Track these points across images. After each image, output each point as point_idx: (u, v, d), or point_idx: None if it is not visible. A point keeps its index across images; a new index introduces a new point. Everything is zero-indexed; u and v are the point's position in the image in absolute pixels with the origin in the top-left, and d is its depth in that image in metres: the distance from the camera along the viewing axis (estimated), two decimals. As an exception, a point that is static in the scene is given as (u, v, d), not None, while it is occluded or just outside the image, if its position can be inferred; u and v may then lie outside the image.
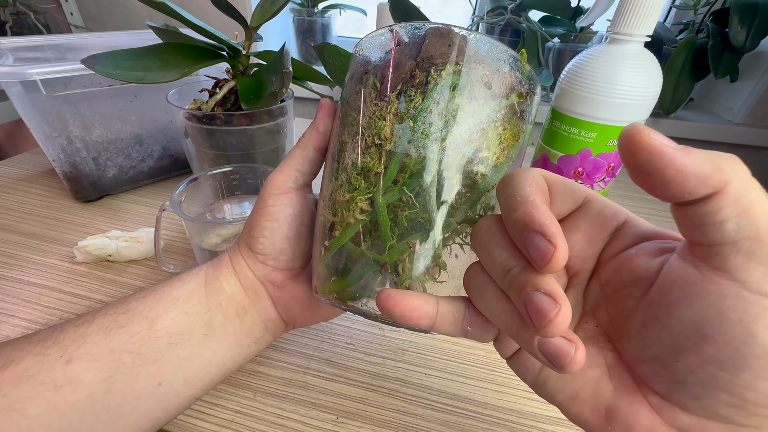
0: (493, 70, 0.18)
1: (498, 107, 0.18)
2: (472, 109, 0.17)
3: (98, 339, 0.19)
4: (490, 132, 0.18)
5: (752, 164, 0.75)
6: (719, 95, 0.77)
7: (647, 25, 0.28)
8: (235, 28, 0.38)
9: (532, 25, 0.69)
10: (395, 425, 0.26)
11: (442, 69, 0.17)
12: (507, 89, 0.18)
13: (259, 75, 0.39)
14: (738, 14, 0.59)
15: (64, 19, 0.87)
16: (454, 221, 0.18)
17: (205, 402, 0.26)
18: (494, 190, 0.18)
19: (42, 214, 0.44)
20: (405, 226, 0.17)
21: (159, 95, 0.46)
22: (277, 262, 0.22)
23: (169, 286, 0.21)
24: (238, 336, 0.22)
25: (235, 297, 0.22)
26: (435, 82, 0.17)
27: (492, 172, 0.18)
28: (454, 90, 0.17)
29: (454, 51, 0.17)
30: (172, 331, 0.20)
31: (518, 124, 0.19)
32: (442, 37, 0.18)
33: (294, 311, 0.23)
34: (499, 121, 0.18)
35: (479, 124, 0.18)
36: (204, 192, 0.34)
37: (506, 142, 0.18)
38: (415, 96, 0.18)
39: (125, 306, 0.20)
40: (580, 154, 0.32)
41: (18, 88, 0.37)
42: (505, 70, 0.18)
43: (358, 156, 0.18)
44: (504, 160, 0.18)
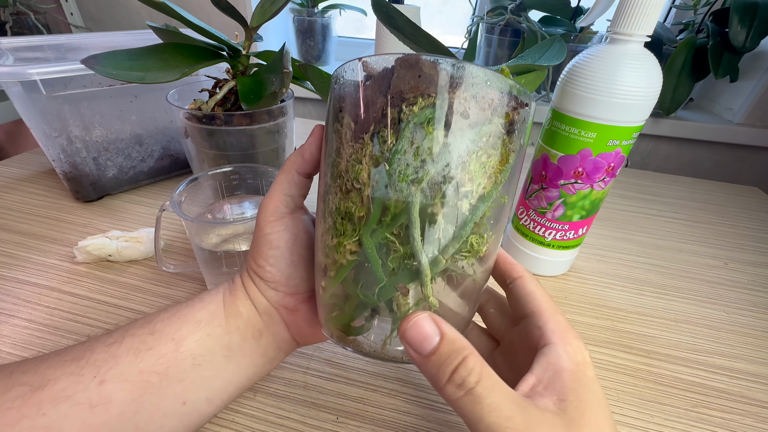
0: (471, 95, 0.16)
1: (479, 136, 0.17)
2: (449, 144, 0.16)
3: (128, 360, 0.19)
4: (472, 164, 0.17)
5: (752, 164, 0.76)
6: (719, 95, 0.77)
7: (647, 25, 0.28)
8: (235, 28, 0.38)
9: (532, 25, 0.69)
10: (395, 425, 0.26)
11: (413, 104, 0.16)
12: (488, 113, 0.17)
13: (259, 75, 0.39)
14: (738, 14, 0.59)
15: (64, 19, 0.87)
16: (442, 258, 0.17)
17: (205, 402, 0.26)
18: (486, 217, 0.18)
19: (42, 214, 0.44)
20: (391, 268, 0.17)
21: (159, 95, 0.46)
22: (288, 287, 0.23)
23: (191, 307, 0.22)
24: (254, 357, 0.23)
25: (251, 320, 0.22)
26: (407, 119, 0.16)
27: (478, 202, 0.17)
28: (429, 125, 0.16)
29: (425, 82, 0.16)
30: (196, 353, 0.21)
31: (507, 145, 0.18)
32: (411, 68, 0.16)
33: (306, 333, 0.24)
34: (482, 150, 0.17)
35: (459, 159, 0.17)
36: (204, 192, 0.34)
37: (493, 168, 0.17)
38: (388, 137, 0.17)
39: (152, 326, 0.21)
40: (580, 154, 0.32)
41: (18, 88, 0.37)
42: (485, 93, 0.16)
43: (341, 200, 0.18)
44: (492, 187, 0.18)
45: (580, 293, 0.39)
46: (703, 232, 0.51)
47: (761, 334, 0.35)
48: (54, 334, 0.30)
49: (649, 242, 0.48)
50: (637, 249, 0.46)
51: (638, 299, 0.38)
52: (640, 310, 0.37)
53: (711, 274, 0.43)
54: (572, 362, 0.17)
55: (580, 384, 0.16)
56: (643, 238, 0.48)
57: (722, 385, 0.30)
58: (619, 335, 0.34)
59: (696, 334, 0.35)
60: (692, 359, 0.32)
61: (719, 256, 0.46)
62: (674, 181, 0.65)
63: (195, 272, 0.37)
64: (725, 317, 0.37)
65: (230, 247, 0.33)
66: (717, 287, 0.41)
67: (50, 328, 0.31)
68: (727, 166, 0.77)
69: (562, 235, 0.37)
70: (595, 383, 0.17)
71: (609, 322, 0.35)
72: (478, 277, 0.19)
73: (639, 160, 0.81)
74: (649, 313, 0.37)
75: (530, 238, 0.38)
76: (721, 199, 0.59)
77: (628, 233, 0.49)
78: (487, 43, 0.76)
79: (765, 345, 0.34)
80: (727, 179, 0.77)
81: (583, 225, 0.36)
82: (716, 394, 0.30)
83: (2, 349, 0.29)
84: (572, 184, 0.33)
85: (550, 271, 0.40)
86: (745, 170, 0.77)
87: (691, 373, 0.31)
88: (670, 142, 0.77)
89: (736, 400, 0.29)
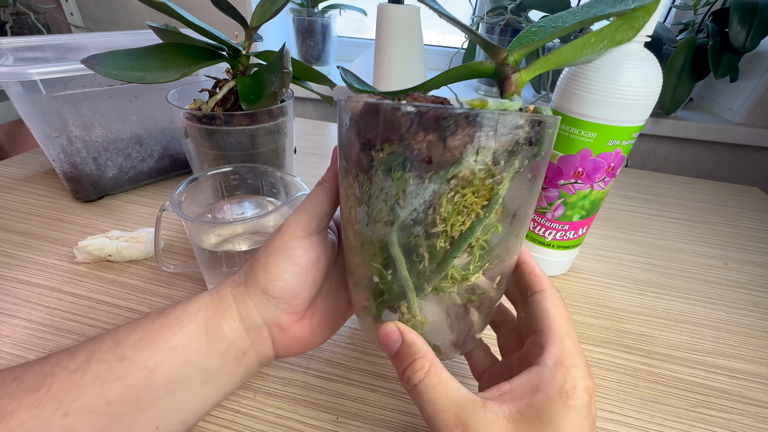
0: (436, 138, 0.16)
1: (447, 177, 0.16)
2: (414, 190, 0.17)
3: (94, 391, 0.18)
4: (443, 205, 0.17)
5: (752, 164, 0.76)
6: (719, 95, 0.77)
7: (647, 25, 0.28)
8: (235, 28, 0.38)
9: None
10: (395, 425, 0.26)
11: (380, 150, 0.17)
12: (456, 153, 0.16)
13: (259, 75, 0.39)
14: (738, 14, 0.59)
15: (64, 19, 0.87)
16: (428, 286, 0.19)
17: (205, 402, 0.26)
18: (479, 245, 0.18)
19: (42, 214, 0.44)
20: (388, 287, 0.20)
21: (159, 95, 0.46)
22: (289, 306, 0.22)
23: (166, 329, 0.20)
24: (233, 376, 0.22)
25: (236, 342, 0.21)
26: (375, 166, 0.17)
27: (459, 238, 0.18)
28: (395, 171, 0.17)
29: (388, 129, 0.16)
30: (171, 380, 0.19)
31: (490, 179, 0.17)
32: (375, 115, 0.17)
33: (291, 350, 0.23)
34: (453, 190, 0.17)
35: (427, 202, 0.17)
36: (204, 192, 0.34)
37: (471, 205, 0.17)
38: (364, 181, 0.18)
39: (120, 351, 0.19)
40: (580, 154, 0.32)
41: (18, 88, 0.37)
42: (451, 134, 0.15)
43: (346, 229, 0.21)
44: (475, 221, 0.17)
45: (580, 293, 0.39)
46: (703, 232, 0.51)
47: (761, 334, 0.35)
48: (54, 334, 0.30)
49: (649, 242, 0.48)
50: (637, 249, 0.46)
51: (638, 299, 0.38)
52: (640, 310, 0.37)
53: (711, 274, 0.43)
54: (555, 387, 0.17)
55: (554, 408, 0.17)
56: (643, 238, 0.48)
57: (722, 385, 0.30)
58: (619, 335, 0.34)
59: (696, 334, 0.35)
60: (692, 359, 0.32)
61: (719, 256, 0.46)
62: (674, 181, 0.65)
63: (195, 272, 0.37)
64: (725, 317, 0.37)
65: (230, 247, 0.33)
66: (717, 287, 0.41)
67: (50, 328, 0.31)
68: (727, 166, 0.77)
69: (562, 235, 0.37)
70: (579, 413, 0.17)
71: (609, 322, 0.35)
72: (476, 297, 0.20)
73: (639, 160, 0.81)
74: (649, 313, 0.37)
75: (530, 238, 0.38)
76: (721, 199, 0.59)
77: (628, 233, 0.49)
78: (487, 43, 0.75)
79: (765, 345, 0.34)
80: (727, 179, 0.77)
81: (583, 225, 0.36)
82: (716, 394, 0.30)
83: (2, 349, 0.29)
84: (572, 184, 0.33)
85: (550, 271, 0.40)
86: (745, 170, 0.77)
87: (691, 373, 0.31)
88: (670, 142, 0.77)
89: (736, 400, 0.29)
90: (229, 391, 0.22)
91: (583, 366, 0.18)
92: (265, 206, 0.37)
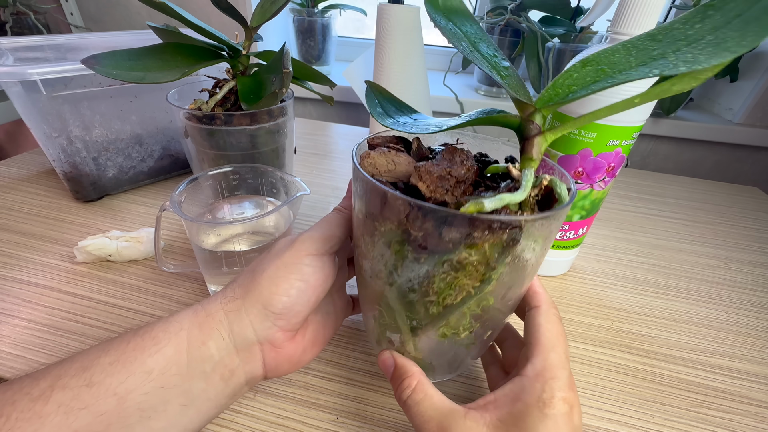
0: (430, 227, 0.16)
1: (440, 262, 0.17)
2: (409, 265, 0.18)
3: (58, 420, 0.16)
4: (436, 282, 0.18)
5: (752, 164, 0.76)
6: (719, 95, 0.77)
7: (647, 25, 0.28)
8: (235, 28, 0.38)
9: (532, 25, 0.69)
10: (395, 425, 0.26)
11: (382, 223, 0.18)
12: (450, 245, 0.16)
13: (259, 75, 0.39)
14: (738, 14, 0.59)
15: (64, 19, 0.87)
16: (422, 334, 0.21)
17: (205, 402, 0.26)
18: (471, 312, 0.19)
19: (42, 214, 0.44)
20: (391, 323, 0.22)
21: (159, 95, 0.46)
22: (287, 323, 0.21)
23: (141, 350, 0.19)
24: (219, 399, 0.21)
25: (223, 361, 0.20)
26: (377, 235, 0.19)
27: (446, 309, 0.19)
28: (392, 245, 0.18)
29: (388, 210, 0.17)
30: (145, 407, 0.18)
31: (484, 265, 0.17)
32: (379, 195, 0.18)
33: (282, 369, 0.23)
34: (445, 273, 0.17)
35: (420, 277, 0.18)
36: (204, 192, 0.34)
37: (462, 286, 0.18)
38: (368, 241, 0.20)
39: (88, 376, 0.17)
40: (580, 154, 0.32)
41: (18, 88, 0.37)
42: (451, 224, 0.16)
43: (358, 258, 0.23)
44: (465, 297, 0.18)
45: (580, 293, 0.39)
46: (703, 232, 0.51)
47: (761, 334, 0.35)
48: (54, 334, 0.30)
49: (649, 242, 0.48)
50: (637, 249, 0.46)
51: (638, 299, 0.38)
52: (640, 310, 0.37)
53: (711, 274, 0.43)
54: (533, 397, 0.18)
55: (530, 416, 0.18)
56: (643, 238, 0.48)
57: (722, 385, 0.30)
58: (619, 335, 0.34)
59: (696, 334, 0.35)
60: (692, 359, 0.32)
61: (719, 256, 0.46)
62: (674, 181, 0.65)
63: (195, 272, 0.37)
64: (725, 317, 0.37)
65: (230, 247, 0.33)
66: (717, 287, 0.41)
67: (50, 328, 0.31)
68: (727, 166, 0.77)
69: (562, 235, 0.37)
70: (556, 422, 0.17)
71: (609, 322, 0.35)
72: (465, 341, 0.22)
73: (639, 160, 0.81)
74: (649, 313, 0.37)
75: (530, 238, 0.38)
76: (721, 199, 0.59)
77: (628, 233, 0.49)
78: (487, 43, 0.75)
79: (765, 345, 0.34)
80: (727, 179, 0.77)
81: (583, 225, 0.36)
82: (716, 394, 0.30)
83: (2, 349, 0.29)
84: (572, 184, 0.33)
85: (550, 271, 0.40)
86: (745, 170, 0.77)
87: (691, 373, 0.31)
88: (670, 142, 0.77)
89: (736, 400, 0.29)
90: (212, 416, 0.21)
91: (564, 378, 0.19)
92: (265, 206, 0.37)
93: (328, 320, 0.25)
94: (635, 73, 0.15)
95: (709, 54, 0.13)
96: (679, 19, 0.15)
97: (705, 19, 0.14)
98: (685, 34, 0.14)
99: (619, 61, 0.16)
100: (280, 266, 0.21)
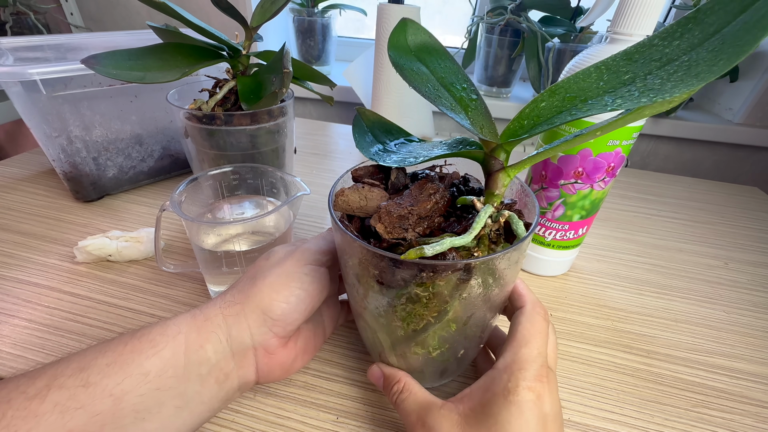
0: (389, 266, 0.18)
1: (398, 296, 0.19)
2: (372, 296, 0.20)
3: (53, 419, 0.16)
4: (398, 311, 0.19)
5: (752, 164, 0.76)
6: (719, 95, 0.77)
7: (647, 25, 0.28)
8: (235, 28, 0.38)
9: (532, 25, 0.69)
10: (395, 425, 0.26)
11: (349, 260, 0.20)
12: (402, 283, 0.18)
13: (259, 75, 0.39)
14: (738, 14, 0.59)
15: (64, 19, 0.87)
16: (395, 350, 0.23)
17: (205, 402, 0.26)
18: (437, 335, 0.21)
19: (42, 214, 0.44)
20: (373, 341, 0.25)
21: (159, 95, 0.46)
22: (283, 330, 0.22)
23: (138, 353, 0.19)
24: (212, 402, 0.21)
25: (219, 365, 0.21)
26: (347, 267, 0.21)
27: (412, 333, 0.20)
28: (360, 278, 0.20)
29: (351, 249, 0.19)
30: (141, 408, 0.18)
31: (439, 298, 0.18)
32: (344, 236, 0.19)
33: (274, 375, 0.23)
34: (404, 305, 0.19)
35: (382, 307, 0.20)
36: (204, 192, 0.34)
37: (421, 316, 0.19)
38: (344, 268, 0.22)
39: (85, 376, 0.18)
40: (580, 154, 0.32)
41: (18, 88, 0.37)
42: (401, 265, 0.17)
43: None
44: (426, 325, 0.19)
45: (580, 293, 0.39)
46: (703, 232, 0.51)
47: (761, 334, 0.35)
48: (54, 334, 0.30)
49: (649, 242, 0.48)
50: (637, 249, 0.46)
51: (638, 299, 0.38)
52: (640, 310, 0.37)
53: (711, 274, 0.43)
54: (500, 386, 0.19)
55: (495, 403, 0.19)
56: (643, 238, 0.48)
57: (722, 385, 0.30)
58: (619, 335, 0.34)
59: (696, 334, 0.35)
60: (692, 359, 0.32)
61: (719, 256, 0.46)
62: (674, 181, 0.65)
63: (195, 272, 0.37)
64: (725, 317, 0.37)
65: (230, 247, 0.33)
66: (717, 287, 0.41)
67: (50, 328, 0.31)
68: (727, 166, 0.77)
69: (562, 235, 0.37)
70: (520, 408, 0.18)
71: (609, 322, 0.35)
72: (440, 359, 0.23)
73: (639, 160, 0.81)
74: (649, 313, 0.37)
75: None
76: (721, 199, 0.59)
77: (628, 233, 0.49)
78: (487, 43, 0.76)
79: (765, 345, 0.34)
80: (727, 179, 0.77)
81: (583, 225, 0.36)
82: (716, 394, 0.30)
83: (2, 349, 0.29)
84: (572, 184, 0.33)
85: (550, 271, 0.40)
86: (745, 170, 0.77)
87: (691, 373, 0.31)
88: (670, 142, 0.77)
89: (736, 400, 0.29)
90: (205, 419, 0.21)
91: (532, 370, 0.19)
92: (265, 206, 0.37)
93: (318, 330, 0.27)
94: (597, 106, 0.15)
95: (677, 81, 0.12)
96: (660, 33, 0.15)
97: (684, 35, 0.13)
98: (661, 53, 0.14)
99: (588, 88, 0.16)
100: (281, 274, 0.22)
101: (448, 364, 0.24)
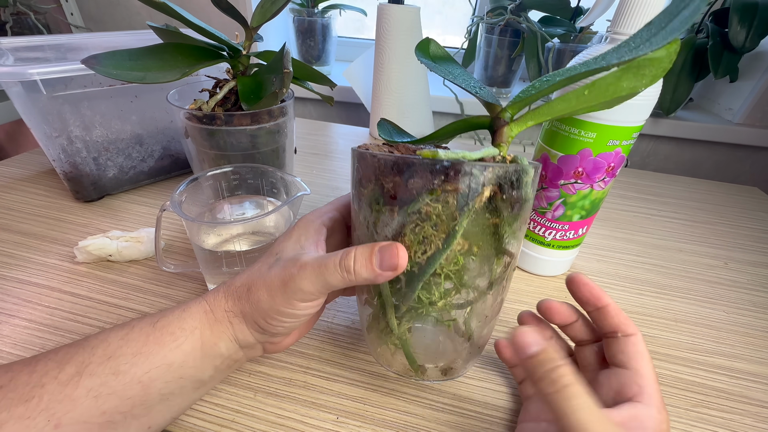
0: (402, 179, 0.19)
1: (407, 212, 0.19)
2: (385, 220, 0.21)
3: (88, 403, 0.18)
4: (407, 235, 0.20)
5: (752, 164, 0.76)
6: (719, 95, 0.77)
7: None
8: (236, 28, 0.38)
9: (532, 25, 0.69)
10: (395, 425, 0.26)
11: (365, 187, 0.21)
12: (415, 192, 0.19)
13: (259, 75, 0.39)
14: (737, 14, 0.59)
15: (64, 19, 0.87)
16: (403, 305, 0.22)
17: (205, 402, 0.26)
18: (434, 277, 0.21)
19: (42, 214, 0.44)
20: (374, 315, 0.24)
21: (159, 95, 0.46)
22: (284, 336, 0.24)
23: (162, 345, 0.21)
24: (223, 376, 0.24)
25: (231, 357, 0.23)
26: (362, 200, 0.22)
27: (425, 264, 0.20)
28: (373, 204, 0.21)
29: (366, 168, 0.21)
30: (166, 392, 0.21)
31: (446, 214, 0.19)
32: (362, 160, 0.21)
33: (279, 350, 0.26)
34: (413, 223, 0.19)
35: (395, 231, 0.20)
36: (204, 192, 0.34)
37: (429, 238, 0.20)
38: (356, 211, 0.23)
39: (115, 365, 0.19)
40: (580, 154, 0.32)
41: (18, 88, 0.37)
42: (414, 174, 0.19)
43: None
44: (437, 251, 0.20)
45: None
46: (703, 232, 0.51)
47: (761, 334, 0.35)
48: (54, 334, 0.30)
49: (649, 242, 0.48)
50: (637, 249, 0.46)
51: (638, 299, 0.38)
52: (640, 310, 0.37)
53: (711, 274, 0.43)
54: (655, 422, 0.20)
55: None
56: (643, 238, 0.48)
57: (722, 385, 0.30)
58: (619, 335, 0.34)
59: (696, 334, 0.35)
60: (692, 359, 0.32)
61: (719, 256, 0.46)
62: (674, 181, 0.65)
63: (195, 272, 0.37)
64: (725, 317, 0.37)
65: (230, 247, 0.33)
66: (717, 287, 0.41)
67: (50, 328, 0.31)
68: (727, 166, 0.77)
69: (562, 235, 0.37)
70: None
71: (609, 322, 0.35)
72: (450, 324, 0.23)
73: (639, 160, 0.81)
74: (649, 313, 0.37)
75: (530, 238, 0.38)
76: (721, 199, 0.59)
77: (628, 233, 0.49)
78: (486, 43, 0.76)
79: (765, 345, 0.34)
80: (727, 179, 0.77)
81: (583, 225, 0.36)
82: (716, 394, 0.30)
83: (2, 349, 0.29)
84: (572, 184, 0.33)
85: (550, 271, 0.40)
86: (745, 170, 0.77)
87: (691, 373, 0.31)
88: (670, 142, 0.77)
89: (736, 400, 0.29)
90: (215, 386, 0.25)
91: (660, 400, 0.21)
92: (265, 206, 0.37)
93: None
94: (598, 64, 0.19)
95: (647, 45, 0.17)
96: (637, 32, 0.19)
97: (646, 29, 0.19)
98: (628, 45, 0.18)
99: (587, 63, 0.20)
100: (277, 311, 0.21)
101: (454, 347, 0.24)
